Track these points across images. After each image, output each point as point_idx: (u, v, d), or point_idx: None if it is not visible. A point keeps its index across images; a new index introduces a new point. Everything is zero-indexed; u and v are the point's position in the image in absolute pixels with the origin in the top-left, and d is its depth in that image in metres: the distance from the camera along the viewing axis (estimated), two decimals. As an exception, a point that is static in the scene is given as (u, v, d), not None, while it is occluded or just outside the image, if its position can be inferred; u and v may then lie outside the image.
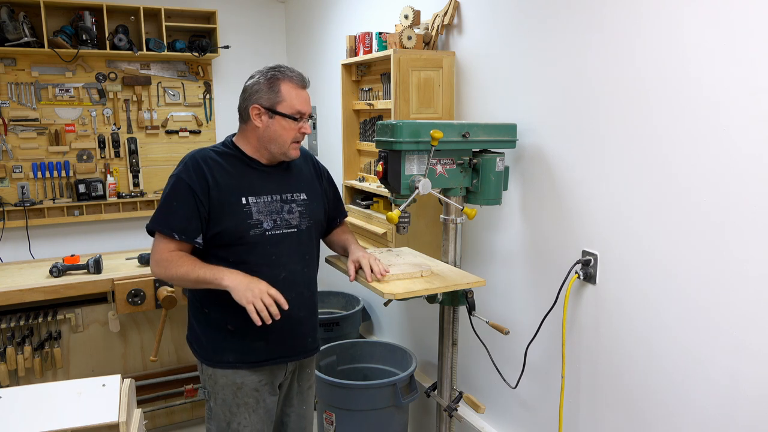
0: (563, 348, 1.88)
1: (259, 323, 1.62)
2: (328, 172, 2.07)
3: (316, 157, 3.99)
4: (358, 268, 1.86)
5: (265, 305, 1.62)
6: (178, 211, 1.73)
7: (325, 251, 2.08)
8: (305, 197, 1.89)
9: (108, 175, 3.68)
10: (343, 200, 2.84)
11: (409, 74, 2.26)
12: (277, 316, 1.64)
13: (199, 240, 1.76)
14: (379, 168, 1.89)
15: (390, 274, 1.80)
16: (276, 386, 1.92)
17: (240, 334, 1.81)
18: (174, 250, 1.74)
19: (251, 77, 1.81)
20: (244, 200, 1.77)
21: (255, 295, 1.62)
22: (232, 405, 1.83)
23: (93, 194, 3.61)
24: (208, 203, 1.74)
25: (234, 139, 1.88)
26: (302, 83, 1.81)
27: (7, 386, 2.56)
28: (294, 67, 1.87)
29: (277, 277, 1.79)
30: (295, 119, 1.78)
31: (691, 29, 1.46)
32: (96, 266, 2.97)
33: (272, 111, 1.76)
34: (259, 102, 1.77)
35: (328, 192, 2.03)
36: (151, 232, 1.79)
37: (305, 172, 1.95)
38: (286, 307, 1.65)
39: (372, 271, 1.80)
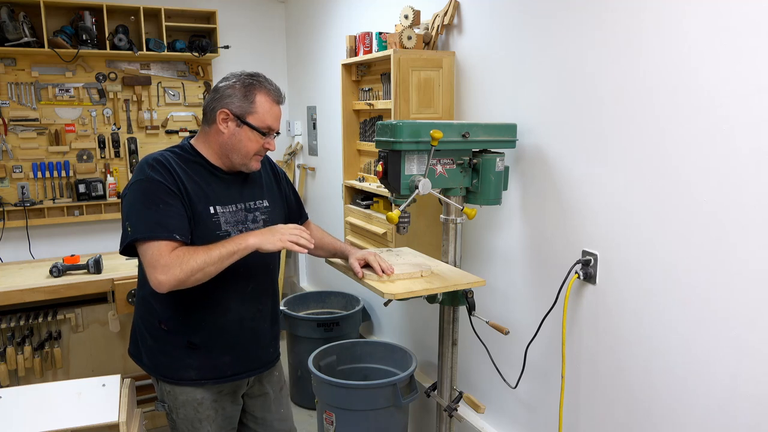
0: (563, 348, 1.88)
1: (305, 252, 1.64)
2: (285, 173, 1.99)
3: (312, 156, 4.01)
4: (363, 266, 1.85)
5: (300, 237, 1.60)
6: (170, 211, 1.57)
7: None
8: (267, 204, 1.81)
9: (108, 175, 3.68)
10: (343, 200, 2.85)
11: (409, 74, 2.26)
12: (311, 243, 1.63)
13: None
14: (379, 168, 1.89)
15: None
16: (239, 396, 1.86)
17: (204, 350, 1.73)
18: (175, 249, 1.56)
19: (226, 79, 1.69)
20: (212, 209, 1.67)
21: (285, 236, 1.58)
22: (194, 420, 1.77)
23: (93, 194, 3.61)
24: (185, 206, 1.62)
25: (193, 142, 1.74)
26: (278, 98, 1.70)
27: (7, 386, 2.56)
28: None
29: (245, 289, 1.75)
30: (263, 133, 1.67)
31: (693, 28, 1.46)
32: (96, 266, 2.97)
33: (241, 119, 1.65)
34: (229, 107, 1.65)
35: (288, 195, 1.95)
36: (129, 248, 1.58)
37: (264, 176, 1.86)
38: (312, 244, 1.64)
39: (381, 269, 1.78)
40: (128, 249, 1.61)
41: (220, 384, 1.77)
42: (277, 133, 1.74)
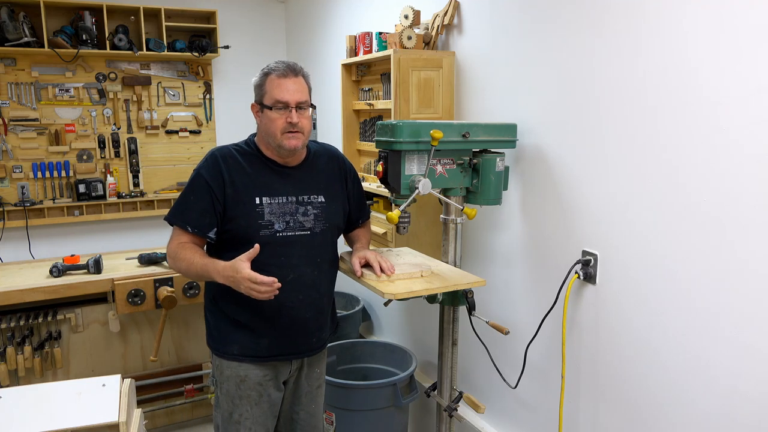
0: (563, 348, 1.88)
1: (272, 298, 1.66)
2: (355, 171, 2.06)
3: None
4: (363, 265, 1.85)
5: (261, 291, 1.64)
6: (194, 206, 1.79)
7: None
8: (323, 200, 1.88)
9: (108, 175, 3.68)
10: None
11: (409, 74, 2.26)
12: (276, 292, 1.65)
13: (212, 235, 1.80)
14: (379, 168, 1.89)
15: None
16: (280, 382, 1.94)
17: (247, 329, 1.85)
18: (185, 242, 1.80)
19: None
20: (257, 200, 1.79)
21: (248, 289, 1.65)
22: (235, 397, 1.87)
23: (93, 194, 3.61)
24: (223, 200, 1.78)
25: (255, 138, 1.91)
26: (284, 73, 1.79)
27: (7, 386, 2.56)
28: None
29: (285, 278, 1.78)
30: (278, 109, 1.77)
31: (692, 29, 1.46)
32: (96, 266, 2.97)
33: (262, 105, 1.81)
34: (255, 100, 1.84)
35: (352, 193, 2.01)
36: (170, 223, 1.85)
37: (328, 172, 1.94)
38: (276, 283, 1.64)
39: (381, 268, 1.80)
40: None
41: (258, 363, 1.87)
42: (301, 107, 1.79)
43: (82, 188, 3.59)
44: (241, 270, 1.63)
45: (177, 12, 3.68)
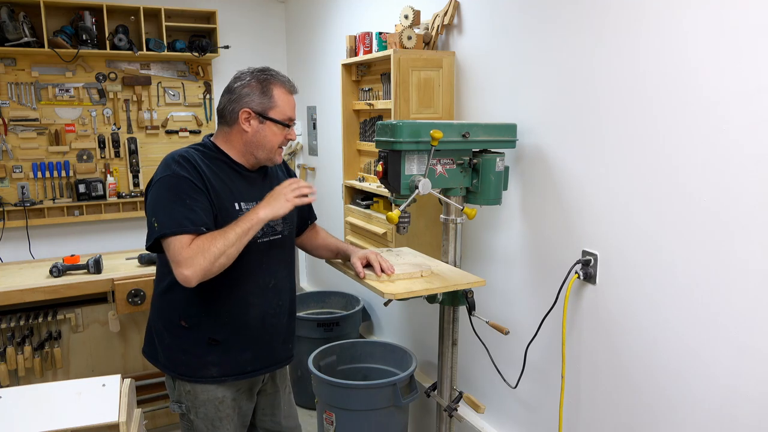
0: (563, 348, 1.88)
1: (315, 200, 1.72)
2: (294, 172, 2.02)
3: (312, 156, 4.01)
4: (365, 265, 1.85)
5: (300, 190, 1.66)
6: (195, 207, 1.59)
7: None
8: None
9: (108, 175, 3.68)
10: (343, 200, 2.85)
11: (409, 74, 2.26)
12: (313, 188, 1.69)
13: None
14: (379, 168, 1.89)
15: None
16: (254, 393, 1.88)
17: (226, 347, 1.74)
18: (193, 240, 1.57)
19: (238, 78, 1.72)
20: (237, 206, 1.70)
21: (289, 196, 1.62)
22: (215, 419, 1.77)
23: (93, 194, 3.61)
24: (210, 204, 1.65)
25: (215, 140, 1.77)
26: (292, 88, 1.76)
27: (7, 386, 2.56)
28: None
29: (267, 285, 1.77)
30: (286, 126, 1.72)
31: (692, 29, 1.46)
32: (96, 266, 2.97)
33: (263, 116, 1.69)
34: (250, 106, 1.68)
35: None
36: (155, 244, 1.59)
37: (280, 175, 1.90)
38: (314, 189, 1.69)
39: (381, 268, 1.79)
40: (155, 245, 1.61)
41: (239, 381, 1.79)
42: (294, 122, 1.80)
43: (82, 188, 3.59)
44: (278, 188, 1.64)
45: (177, 12, 3.68)
